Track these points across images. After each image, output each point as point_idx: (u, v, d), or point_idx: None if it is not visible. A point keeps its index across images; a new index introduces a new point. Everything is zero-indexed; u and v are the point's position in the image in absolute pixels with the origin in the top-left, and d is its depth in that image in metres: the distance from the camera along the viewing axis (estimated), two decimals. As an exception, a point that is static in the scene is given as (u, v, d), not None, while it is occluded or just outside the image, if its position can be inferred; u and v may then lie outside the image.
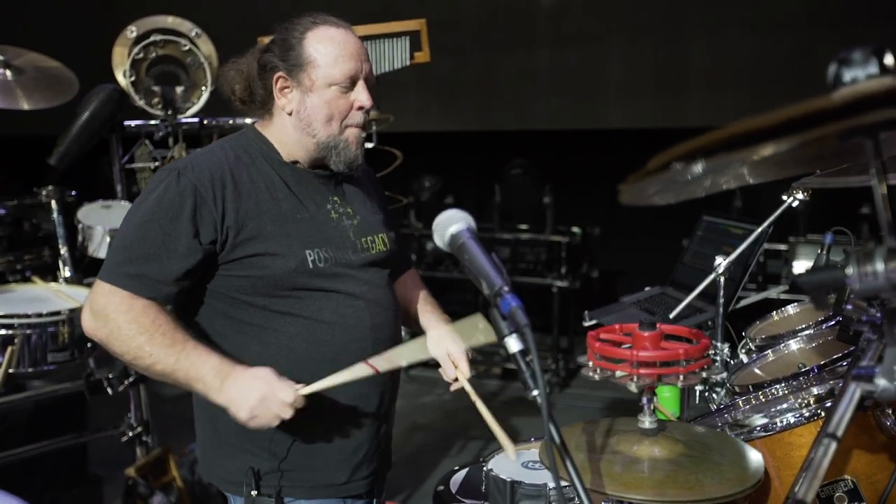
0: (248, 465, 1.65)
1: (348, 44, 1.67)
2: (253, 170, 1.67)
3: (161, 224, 1.57)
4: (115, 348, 1.56)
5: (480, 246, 1.14)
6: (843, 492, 1.22)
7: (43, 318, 2.80)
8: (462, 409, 5.35)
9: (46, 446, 3.18)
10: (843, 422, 0.86)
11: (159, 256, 1.56)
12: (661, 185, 0.98)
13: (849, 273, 0.73)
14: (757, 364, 1.90)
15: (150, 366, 1.53)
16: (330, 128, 1.67)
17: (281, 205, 1.65)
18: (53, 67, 3.31)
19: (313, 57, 1.65)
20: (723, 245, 2.55)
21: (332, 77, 1.64)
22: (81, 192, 3.52)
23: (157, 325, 1.53)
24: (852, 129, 0.68)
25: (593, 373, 1.18)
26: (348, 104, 1.67)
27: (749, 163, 0.88)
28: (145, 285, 1.56)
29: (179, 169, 1.62)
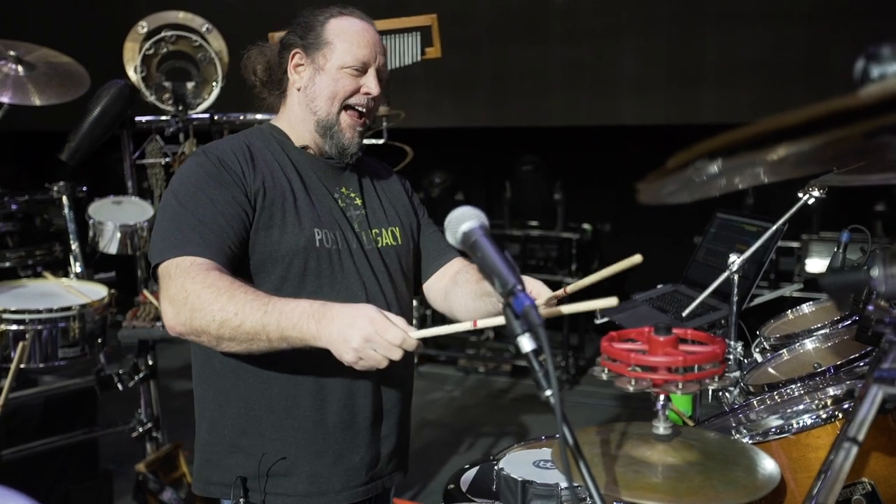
0: (243, 465, 1.64)
1: (366, 33, 1.74)
2: (266, 152, 1.71)
3: (205, 191, 1.58)
4: (201, 322, 1.45)
5: (493, 243, 1.12)
6: (861, 495, 1.20)
7: (54, 314, 2.82)
8: (472, 405, 5.35)
9: (58, 441, 3.20)
10: (864, 425, 0.84)
11: (214, 219, 1.55)
12: (678, 185, 0.96)
13: (874, 275, 0.71)
14: (771, 363, 1.87)
15: (239, 327, 1.43)
16: (331, 106, 1.71)
17: (292, 184, 1.68)
18: (65, 63, 3.31)
19: (331, 39, 1.71)
20: (736, 242, 2.52)
21: (345, 60, 1.70)
22: (92, 187, 3.53)
23: (236, 284, 1.47)
24: (882, 127, 0.66)
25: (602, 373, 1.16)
26: (355, 86, 1.71)
27: (767, 162, 0.86)
28: (210, 248, 1.52)
29: (203, 150, 1.67)
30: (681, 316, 2.37)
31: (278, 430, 1.64)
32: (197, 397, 1.75)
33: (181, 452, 3.40)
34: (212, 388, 1.70)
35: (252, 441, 1.64)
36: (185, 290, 1.46)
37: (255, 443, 1.64)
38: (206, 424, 1.72)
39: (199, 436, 1.74)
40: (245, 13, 6.35)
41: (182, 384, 5.34)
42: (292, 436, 1.64)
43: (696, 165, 0.70)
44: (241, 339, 1.44)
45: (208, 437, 1.71)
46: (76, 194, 3.44)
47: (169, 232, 1.56)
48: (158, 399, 3.49)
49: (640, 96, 6.08)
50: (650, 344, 1.18)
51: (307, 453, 1.64)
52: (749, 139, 0.63)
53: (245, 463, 1.64)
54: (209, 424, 1.70)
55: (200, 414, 1.74)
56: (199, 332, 1.46)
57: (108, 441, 3.62)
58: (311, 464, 1.64)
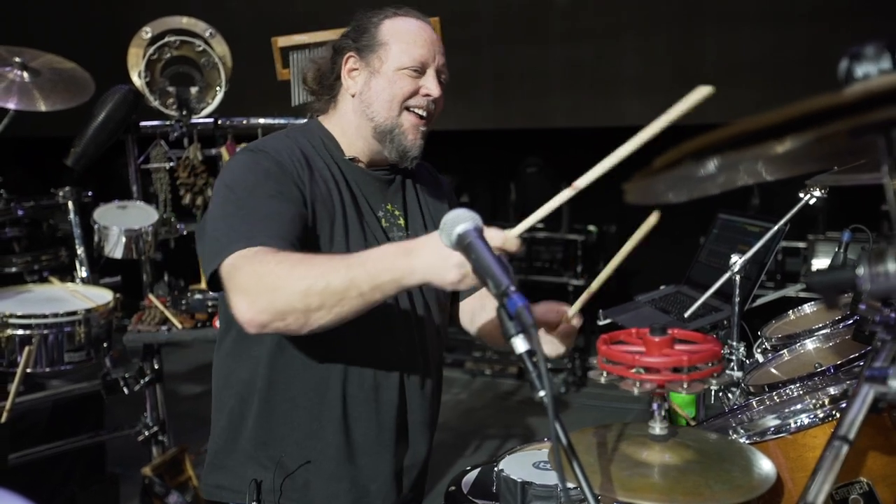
0: (258, 475, 1.62)
1: (423, 32, 1.65)
2: (319, 160, 1.63)
3: (265, 188, 1.49)
4: (284, 299, 1.32)
5: (487, 245, 1.13)
6: (859, 494, 1.20)
7: (60, 318, 2.83)
8: (478, 408, 5.35)
9: (64, 445, 3.21)
10: (855, 424, 0.84)
11: (279, 214, 1.47)
12: (672, 183, 0.96)
13: (860, 273, 0.71)
14: (772, 364, 1.87)
15: (326, 288, 1.30)
16: (390, 109, 1.63)
17: (343, 200, 1.61)
18: (69, 69, 3.34)
19: (386, 40, 1.63)
20: (738, 243, 2.52)
21: (402, 61, 1.61)
22: (98, 192, 3.55)
23: (307, 254, 1.39)
24: (864, 126, 0.66)
25: (599, 376, 1.17)
26: (414, 87, 1.63)
27: (764, 159, 0.86)
28: (276, 238, 1.42)
29: (257, 149, 1.57)
30: (683, 317, 2.37)
31: (300, 450, 1.62)
32: (217, 402, 1.71)
33: (187, 456, 3.41)
34: (235, 397, 1.66)
35: (271, 453, 1.62)
36: (256, 274, 1.35)
37: (274, 455, 1.62)
38: (223, 431, 1.69)
39: (213, 440, 1.71)
40: (247, 18, 6.37)
41: (188, 388, 5.36)
42: (313, 457, 1.62)
43: (685, 164, 0.70)
44: (331, 303, 1.31)
45: (223, 444, 1.68)
46: (82, 199, 3.47)
47: (228, 229, 1.45)
48: (164, 403, 3.50)
49: (642, 97, 6.07)
50: (647, 345, 1.19)
51: (325, 474, 1.63)
52: (735, 137, 0.63)
53: (260, 473, 1.62)
54: (227, 431, 1.68)
55: (219, 419, 1.71)
56: (283, 312, 1.33)
57: (115, 445, 3.64)
58: (328, 485, 1.63)
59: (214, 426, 1.72)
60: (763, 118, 0.62)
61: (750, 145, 0.65)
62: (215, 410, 1.73)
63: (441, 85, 1.66)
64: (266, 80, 3.30)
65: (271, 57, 3.20)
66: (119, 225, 3.25)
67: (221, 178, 1.57)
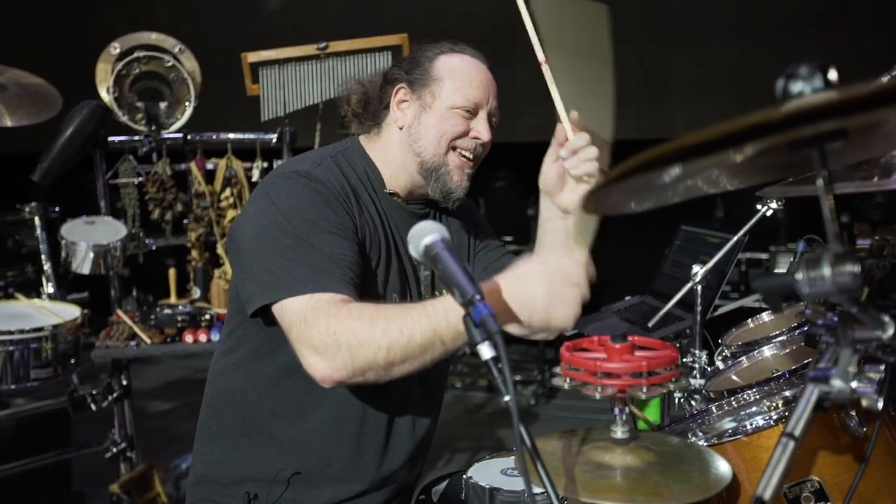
0: (251, 490, 1.62)
1: (480, 72, 1.63)
2: (361, 191, 1.60)
3: (326, 222, 1.45)
4: (365, 358, 1.31)
5: (453, 256, 1.16)
6: (810, 492, 1.26)
7: (26, 335, 2.81)
8: (449, 420, 5.36)
9: (30, 463, 3.17)
10: (801, 422, 0.89)
11: (343, 252, 1.43)
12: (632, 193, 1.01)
13: (799, 278, 0.76)
14: (732, 370, 1.93)
15: (408, 343, 1.29)
16: (437, 146, 1.59)
17: (380, 238, 1.58)
18: (36, 84, 3.32)
19: (441, 76, 1.61)
20: (700, 254, 2.60)
21: (455, 100, 1.59)
22: (65, 208, 3.53)
23: (382, 307, 1.35)
24: (798, 140, 0.72)
25: (563, 382, 1.21)
26: (465, 128, 1.60)
27: (724, 168, 0.91)
28: (341, 282, 1.39)
29: (304, 174, 1.51)
30: (647, 326, 2.43)
31: (304, 480, 1.62)
32: (215, 415, 1.70)
33: (156, 472, 3.38)
34: (239, 415, 1.65)
35: (269, 472, 1.62)
36: (333, 333, 1.31)
37: (272, 471, 1.62)
38: (221, 444, 1.68)
39: (208, 453, 1.70)
40: (217, 34, 6.38)
41: (156, 405, 5.31)
42: (315, 483, 1.63)
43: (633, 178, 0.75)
44: (414, 356, 1.31)
45: (220, 457, 1.67)
46: (49, 215, 3.44)
47: (290, 266, 1.40)
48: (132, 419, 3.48)
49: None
50: (608, 351, 1.23)
51: (314, 487, 1.64)
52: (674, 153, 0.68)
53: (255, 489, 1.62)
54: (225, 445, 1.67)
55: (216, 431, 1.69)
56: (364, 370, 1.32)
57: (82, 462, 3.59)
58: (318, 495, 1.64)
59: (210, 437, 1.71)
60: (701, 134, 0.67)
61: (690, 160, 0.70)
62: (213, 421, 1.70)
63: (492, 128, 1.64)
64: (236, 95, 3.32)
65: (241, 72, 3.22)
66: (87, 240, 3.23)
67: (272, 200, 1.49)
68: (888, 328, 0.84)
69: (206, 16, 6.87)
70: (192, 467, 1.75)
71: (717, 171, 0.92)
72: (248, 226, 1.51)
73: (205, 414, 1.73)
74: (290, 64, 3.20)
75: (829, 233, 0.75)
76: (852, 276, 0.73)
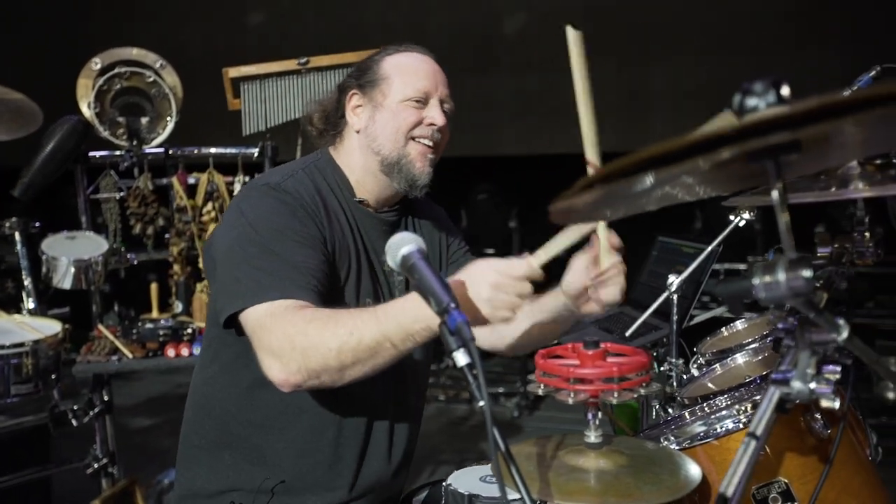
0: (235, 500, 1.64)
1: (425, 64, 1.69)
2: (332, 201, 1.65)
3: (290, 235, 1.50)
4: (317, 360, 1.35)
5: (429, 266, 1.20)
6: (777, 493, 1.29)
7: (6, 350, 2.80)
8: (433, 433, 5.37)
9: (9, 480, 3.14)
10: (762, 422, 0.93)
11: (306, 260, 1.48)
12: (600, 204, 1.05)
13: (755, 283, 0.80)
14: (706, 377, 1.97)
15: (358, 346, 1.34)
16: (395, 141, 1.64)
17: (350, 247, 1.63)
18: (17, 99, 3.32)
19: (389, 73, 1.66)
20: (676, 264, 2.64)
21: (405, 93, 1.64)
22: (46, 223, 3.52)
23: (335, 312, 1.40)
24: (754, 152, 0.76)
25: (537, 388, 1.24)
26: (418, 118, 1.65)
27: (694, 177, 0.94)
28: (303, 289, 1.44)
29: (274, 186, 1.57)
30: (625, 336, 2.47)
31: (287, 488, 1.64)
32: (196, 428, 1.72)
33: (137, 488, 3.37)
34: (219, 427, 1.67)
35: (253, 482, 1.64)
36: (287, 336, 1.37)
37: (255, 481, 1.64)
38: (203, 456, 1.70)
39: (191, 466, 1.72)
40: (198, 49, 6.40)
41: (138, 421, 5.27)
42: (298, 491, 1.65)
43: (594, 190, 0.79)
44: (365, 358, 1.35)
45: (204, 470, 1.69)
46: (29, 230, 3.43)
47: (255, 275, 1.45)
48: (114, 435, 3.46)
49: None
50: (580, 358, 1.27)
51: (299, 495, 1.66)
52: (636, 165, 0.72)
53: (239, 499, 1.64)
54: (208, 457, 1.69)
55: (197, 445, 1.71)
56: (317, 372, 1.37)
57: (62, 479, 3.56)
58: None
59: (189, 452, 1.73)
60: (660, 146, 0.71)
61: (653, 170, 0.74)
62: (192, 434, 1.73)
63: (445, 114, 1.68)
64: (217, 109, 3.34)
65: (222, 87, 3.24)
66: (68, 255, 3.23)
67: (242, 212, 1.55)
68: (843, 331, 0.88)
69: (187, 31, 6.89)
70: (177, 481, 1.77)
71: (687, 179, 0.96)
72: (220, 239, 1.57)
73: (186, 427, 1.75)
74: (272, 79, 3.23)
75: (783, 240, 0.79)
76: (805, 281, 0.77)
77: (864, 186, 1.20)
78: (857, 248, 1.46)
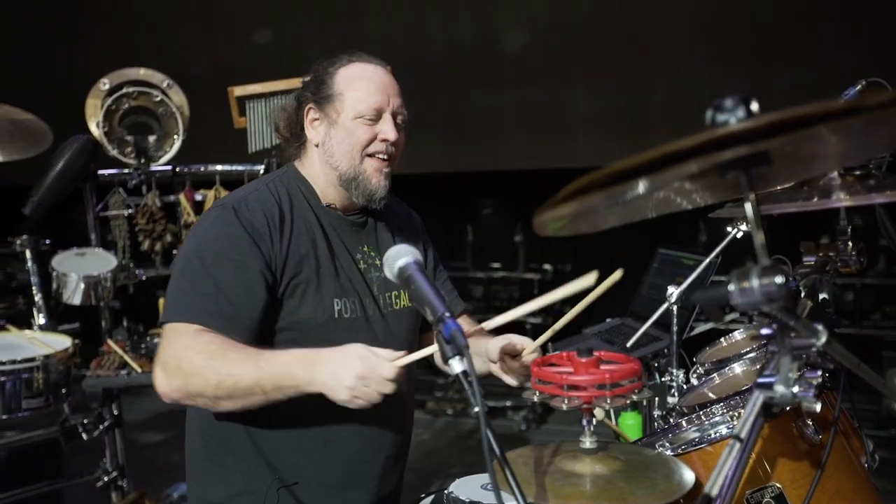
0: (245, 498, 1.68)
1: (376, 77, 1.70)
2: (296, 212, 1.70)
3: (231, 258, 1.57)
4: (196, 387, 1.48)
5: (425, 277, 1.24)
6: (771, 497, 1.32)
7: (17, 365, 2.83)
8: (441, 447, 5.39)
9: (21, 494, 3.18)
10: (746, 426, 0.96)
11: (233, 288, 1.55)
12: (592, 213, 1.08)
13: (731, 289, 0.83)
14: (705, 387, 1.99)
15: (234, 386, 1.46)
16: (351, 158, 1.69)
17: (317, 250, 1.68)
18: (27, 120, 3.38)
19: (341, 90, 1.69)
20: (676, 276, 2.66)
21: (358, 109, 1.67)
22: (56, 240, 3.57)
23: (228, 346, 1.50)
24: (724, 164, 0.79)
25: (533, 395, 1.28)
26: (371, 134, 1.68)
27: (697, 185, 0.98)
28: (223, 321, 1.53)
29: (233, 205, 1.64)
30: (626, 347, 2.49)
31: (299, 488, 1.70)
32: (198, 436, 1.77)
33: (147, 501, 3.40)
34: (219, 434, 1.72)
35: (262, 482, 1.68)
36: (176, 358, 1.49)
37: (264, 482, 1.68)
38: (208, 464, 1.75)
39: (199, 475, 1.77)
40: (204, 67, 6.48)
41: (148, 436, 5.31)
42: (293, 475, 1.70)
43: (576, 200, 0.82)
44: (238, 397, 1.47)
45: (211, 477, 1.74)
46: (39, 247, 3.49)
47: (183, 292, 1.56)
48: (123, 449, 3.50)
49: (592, 137, 6.30)
50: (574, 365, 1.30)
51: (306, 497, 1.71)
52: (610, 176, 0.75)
53: (251, 502, 1.69)
54: (213, 464, 1.74)
55: (200, 452, 1.76)
56: (194, 395, 1.50)
57: (73, 492, 3.60)
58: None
59: (195, 461, 1.78)
60: (634, 159, 0.74)
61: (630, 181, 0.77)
62: (195, 443, 1.78)
63: (398, 126, 1.71)
64: (223, 128, 3.39)
65: (228, 106, 3.30)
66: (77, 271, 3.28)
67: (194, 232, 1.66)
68: (821, 336, 0.91)
69: (193, 51, 6.99)
70: (189, 492, 1.82)
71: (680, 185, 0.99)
72: (178, 253, 1.71)
73: (189, 437, 1.80)
74: (276, 97, 3.28)
75: (756, 248, 0.82)
76: (777, 286, 0.80)
77: (844, 196, 1.24)
78: (841, 256, 1.49)
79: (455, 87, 6.68)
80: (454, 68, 6.69)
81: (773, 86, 5.47)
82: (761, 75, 5.66)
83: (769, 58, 5.74)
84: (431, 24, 6.72)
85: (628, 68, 6.26)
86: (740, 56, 5.89)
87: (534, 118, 6.56)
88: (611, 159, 1.54)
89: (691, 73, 6.03)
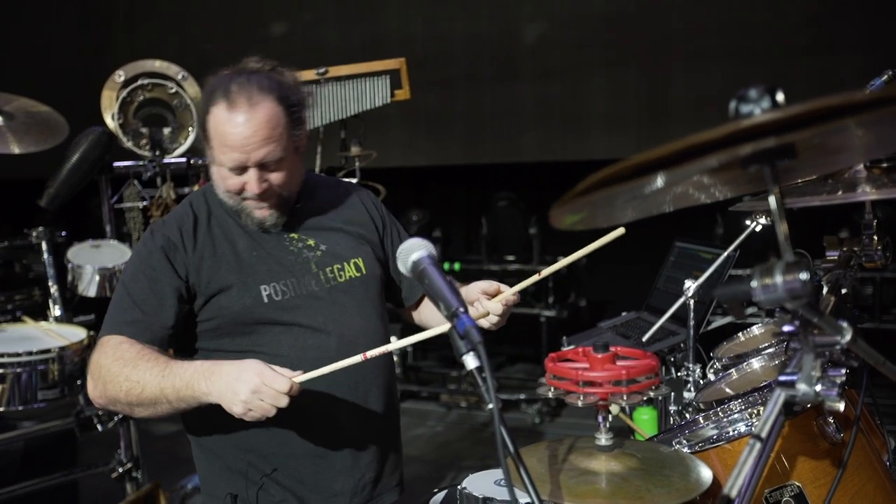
0: (232, 484, 1.72)
1: (236, 131, 1.62)
2: (214, 220, 1.77)
3: (145, 273, 1.69)
4: (112, 392, 1.58)
5: (439, 271, 1.22)
6: (790, 496, 1.29)
7: (33, 357, 2.86)
8: (455, 440, 5.39)
9: (37, 484, 3.20)
10: (767, 425, 0.93)
11: (148, 300, 1.66)
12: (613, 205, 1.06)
13: (753, 286, 0.81)
14: (723, 382, 1.96)
15: (142, 393, 1.54)
16: (230, 197, 1.73)
17: (237, 248, 1.74)
18: (43, 112, 3.40)
19: (211, 135, 1.68)
20: (693, 269, 2.63)
21: (222, 161, 1.68)
22: (71, 232, 3.59)
23: (142, 354, 1.58)
24: (748, 157, 0.77)
25: (548, 391, 1.26)
26: (240, 184, 1.69)
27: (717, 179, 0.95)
28: (136, 328, 1.64)
29: (153, 228, 1.77)
30: (642, 341, 2.47)
31: (265, 458, 1.74)
32: (193, 429, 1.83)
33: (161, 492, 3.41)
34: (210, 426, 1.77)
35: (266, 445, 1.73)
36: (98, 365, 1.60)
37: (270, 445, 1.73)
38: (212, 457, 1.80)
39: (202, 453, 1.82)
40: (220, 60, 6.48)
41: (162, 426, 5.34)
42: (279, 461, 1.73)
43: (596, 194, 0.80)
44: (147, 405, 1.56)
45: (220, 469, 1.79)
46: (55, 239, 3.50)
47: (109, 310, 1.70)
48: (138, 440, 3.51)
49: (610, 131, 6.25)
50: (590, 361, 1.28)
51: (291, 479, 1.73)
52: (632, 169, 0.73)
53: (258, 462, 1.74)
54: (213, 456, 1.80)
55: (202, 444, 1.82)
56: (112, 401, 1.60)
57: (89, 483, 3.63)
58: (292, 488, 1.74)
59: (198, 455, 1.84)
60: (657, 151, 0.72)
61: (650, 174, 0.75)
62: (193, 437, 1.83)
63: (264, 175, 1.67)
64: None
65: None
66: (93, 264, 3.29)
67: (134, 249, 1.82)
68: (846, 333, 0.88)
69: (208, 43, 6.99)
70: (201, 485, 1.85)
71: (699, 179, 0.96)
72: None
73: (188, 433, 1.85)
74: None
75: (780, 243, 0.80)
76: (801, 283, 0.78)
77: (871, 190, 1.21)
78: (866, 251, 1.46)
79: (474, 82, 6.65)
80: (472, 62, 6.65)
81: (793, 81, 5.39)
82: (781, 70, 5.59)
83: (790, 53, 5.66)
84: (450, 18, 6.68)
85: (647, 63, 6.20)
86: (760, 51, 5.81)
87: (552, 112, 6.52)
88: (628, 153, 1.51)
89: (711, 68, 5.96)
